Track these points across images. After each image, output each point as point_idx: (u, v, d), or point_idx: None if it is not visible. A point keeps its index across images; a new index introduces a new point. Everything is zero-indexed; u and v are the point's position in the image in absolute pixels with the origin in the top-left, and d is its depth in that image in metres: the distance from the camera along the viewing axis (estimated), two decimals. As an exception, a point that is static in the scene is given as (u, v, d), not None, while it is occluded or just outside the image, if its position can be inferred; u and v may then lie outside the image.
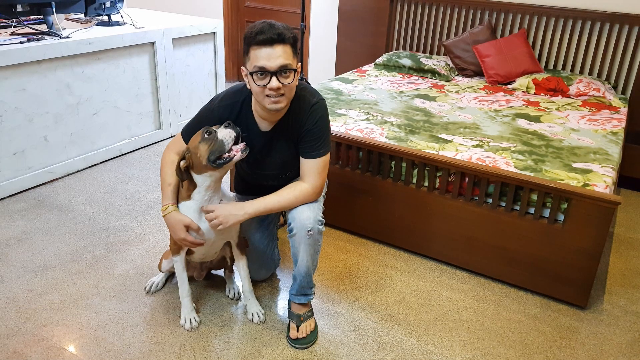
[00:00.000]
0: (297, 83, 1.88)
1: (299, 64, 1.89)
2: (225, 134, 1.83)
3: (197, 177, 1.91)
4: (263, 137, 1.99)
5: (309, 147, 1.95)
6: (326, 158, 1.99)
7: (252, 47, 1.77)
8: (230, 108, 1.97)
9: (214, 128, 1.87)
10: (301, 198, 1.95)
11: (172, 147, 2.04)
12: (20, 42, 3.00)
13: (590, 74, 3.86)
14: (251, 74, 1.80)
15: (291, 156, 2.02)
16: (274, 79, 1.76)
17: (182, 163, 1.90)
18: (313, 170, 1.96)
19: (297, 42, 1.84)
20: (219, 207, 1.92)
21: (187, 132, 2.01)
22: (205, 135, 1.85)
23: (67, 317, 2.14)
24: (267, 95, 1.80)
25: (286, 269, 2.53)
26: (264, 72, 1.76)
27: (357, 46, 4.69)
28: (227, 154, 1.85)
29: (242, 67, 1.87)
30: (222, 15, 5.53)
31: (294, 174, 2.08)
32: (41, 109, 3.12)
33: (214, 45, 4.28)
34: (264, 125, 1.97)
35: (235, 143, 1.87)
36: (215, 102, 2.00)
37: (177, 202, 1.98)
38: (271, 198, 1.94)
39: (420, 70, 4.05)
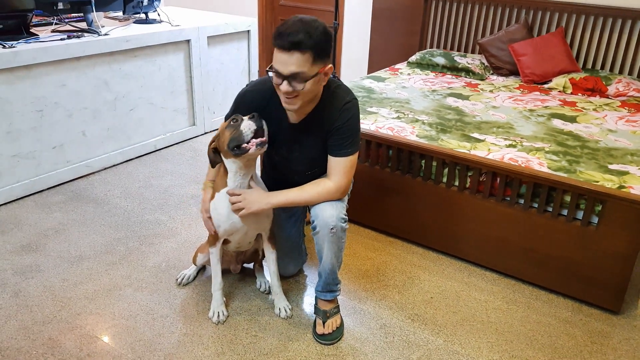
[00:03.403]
0: (316, 87, 1.85)
1: (329, 65, 1.84)
2: (245, 125, 1.86)
3: (226, 162, 1.97)
4: (291, 129, 2.01)
5: (337, 145, 1.95)
6: (354, 158, 1.98)
7: (274, 47, 1.80)
8: (262, 94, 2.00)
9: (242, 117, 1.91)
10: (324, 195, 1.95)
11: (221, 128, 2.12)
12: (61, 39, 3.09)
13: (630, 74, 3.75)
14: (268, 70, 1.84)
15: (319, 153, 2.02)
16: (285, 82, 1.78)
17: (212, 144, 1.98)
18: (339, 169, 1.96)
19: (323, 46, 1.78)
20: (246, 192, 1.96)
21: (227, 116, 2.09)
22: (231, 122, 1.90)
23: (100, 307, 2.20)
24: (282, 95, 1.84)
25: (313, 266, 2.54)
26: (278, 74, 1.79)
27: (390, 44, 4.67)
28: (244, 145, 1.87)
29: None
30: (257, 13, 5.58)
31: (320, 172, 2.09)
32: (80, 105, 3.21)
33: (248, 43, 4.33)
34: (293, 118, 1.99)
35: (260, 136, 1.88)
36: (249, 85, 2.06)
37: (216, 189, 2.04)
38: (294, 192, 1.97)
39: (454, 69, 4.00)
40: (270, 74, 1.86)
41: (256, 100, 2.00)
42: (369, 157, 2.70)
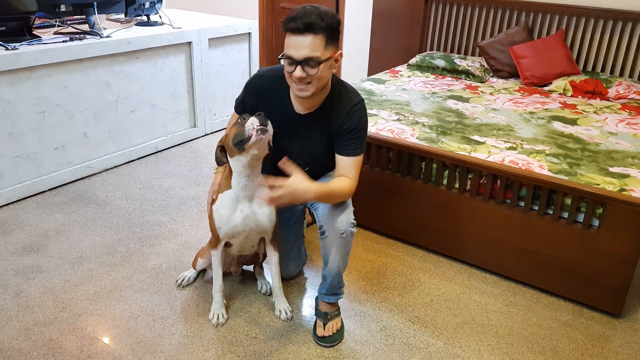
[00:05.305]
0: (328, 73, 1.85)
1: (339, 51, 1.86)
2: (250, 122, 1.84)
3: (231, 161, 1.96)
4: (296, 120, 1.99)
5: (348, 145, 1.94)
6: (362, 157, 1.99)
7: (286, 32, 1.80)
8: (270, 79, 2.00)
9: (249, 115, 1.89)
10: (346, 191, 1.91)
11: (229, 123, 2.13)
12: (63, 41, 3.10)
13: (630, 76, 3.75)
14: (280, 58, 1.83)
15: (321, 150, 2.01)
16: (298, 68, 1.78)
17: (220, 142, 1.99)
18: (352, 168, 1.94)
19: (334, 29, 1.80)
20: (292, 182, 1.76)
21: (236, 103, 2.12)
22: (239, 121, 1.90)
23: (101, 308, 2.20)
24: (294, 82, 1.83)
25: (313, 267, 2.55)
26: (291, 60, 1.79)
27: (391, 46, 4.68)
28: (247, 135, 1.84)
29: None
30: (258, 15, 5.59)
31: (318, 170, 2.08)
32: (81, 106, 3.22)
33: (249, 45, 4.34)
34: (301, 108, 1.98)
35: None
36: (259, 72, 2.06)
37: (219, 191, 2.02)
38: (328, 185, 1.87)
39: (454, 71, 4.01)
40: (282, 61, 1.85)
41: (264, 85, 2.01)
42: (369, 159, 2.70)
